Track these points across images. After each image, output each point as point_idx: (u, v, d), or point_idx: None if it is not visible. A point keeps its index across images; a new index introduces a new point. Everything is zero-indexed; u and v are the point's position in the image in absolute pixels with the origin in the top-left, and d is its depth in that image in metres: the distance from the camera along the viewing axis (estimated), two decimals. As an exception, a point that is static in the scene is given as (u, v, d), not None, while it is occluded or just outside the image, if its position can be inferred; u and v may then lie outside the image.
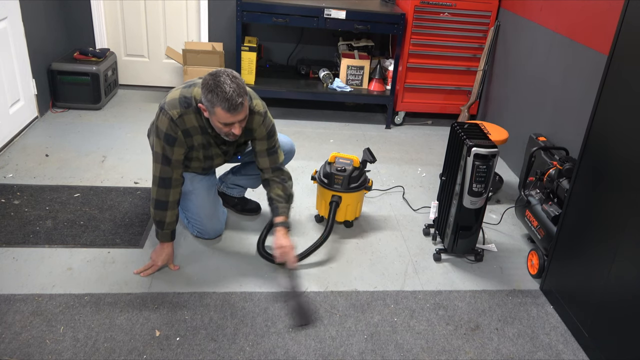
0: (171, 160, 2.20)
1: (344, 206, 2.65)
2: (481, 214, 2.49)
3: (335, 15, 3.74)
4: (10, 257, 2.32)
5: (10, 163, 3.09)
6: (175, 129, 2.15)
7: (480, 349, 2.08)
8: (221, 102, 1.98)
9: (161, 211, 2.24)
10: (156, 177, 2.22)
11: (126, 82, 4.43)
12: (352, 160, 2.66)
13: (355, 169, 2.64)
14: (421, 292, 2.36)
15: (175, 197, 2.26)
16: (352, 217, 2.73)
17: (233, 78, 2.00)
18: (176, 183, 2.24)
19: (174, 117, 2.13)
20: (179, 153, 2.20)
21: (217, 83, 1.97)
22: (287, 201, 2.37)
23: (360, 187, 2.65)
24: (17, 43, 3.35)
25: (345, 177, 2.60)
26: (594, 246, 2.06)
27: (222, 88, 1.96)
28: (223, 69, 2.04)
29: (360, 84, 4.20)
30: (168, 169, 2.20)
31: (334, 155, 2.69)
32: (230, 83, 1.98)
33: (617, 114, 1.97)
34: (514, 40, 3.66)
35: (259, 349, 1.97)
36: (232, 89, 1.97)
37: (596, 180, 2.07)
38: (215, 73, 2.00)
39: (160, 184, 2.22)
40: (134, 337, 1.97)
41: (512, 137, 3.47)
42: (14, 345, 1.88)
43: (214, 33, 4.30)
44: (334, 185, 2.62)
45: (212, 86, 1.97)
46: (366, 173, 2.71)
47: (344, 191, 2.62)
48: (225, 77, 1.98)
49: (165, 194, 2.23)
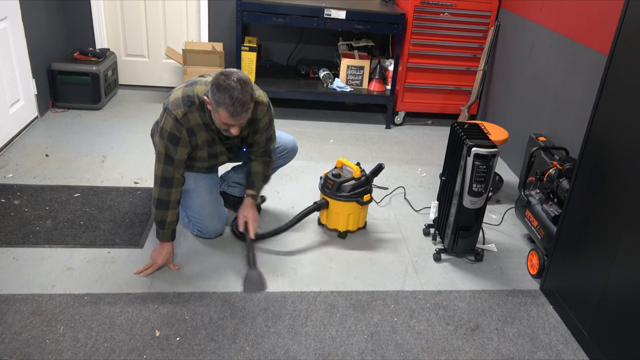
0: (174, 160, 2.21)
1: (333, 213, 2.61)
2: (481, 214, 2.49)
3: (335, 15, 3.74)
4: (10, 257, 2.32)
5: (10, 163, 3.09)
6: (179, 128, 2.17)
7: (480, 349, 2.08)
8: (226, 105, 2.02)
9: (163, 210, 2.25)
10: (158, 177, 2.23)
11: (126, 82, 4.43)
12: (353, 169, 2.60)
13: (353, 179, 2.57)
14: (421, 292, 2.36)
15: (176, 197, 2.27)
16: (342, 228, 2.64)
17: (243, 84, 2.04)
18: (177, 183, 2.26)
19: (179, 116, 2.16)
20: (182, 153, 2.22)
21: (227, 86, 2.00)
22: (262, 180, 2.53)
23: (350, 198, 2.55)
24: (17, 43, 3.35)
25: (336, 184, 2.56)
26: (594, 246, 2.06)
27: (231, 93, 2.00)
28: (236, 71, 2.08)
29: (360, 84, 4.20)
30: (170, 168, 2.21)
31: (340, 161, 2.67)
32: (240, 90, 2.02)
33: (617, 114, 1.97)
34: (514, 40, 3.66)
35: (259, 349, 1.97)
36: (240, 96, 2.02)
37: (596, 180, 2.07)
38: (228, 74, 2.04)
39: (162, 183, 2.23)
40: (134, 337, 1.97)
41: (512, 137, 3.47)
42: (14, 345, 1.88)
43: (214, 33, 4.30)
44: (324, 188, 2.61)
45: (222, 87, 2.01)
46: (369, 187, 2.61)
47: (331, 197, 2.57)
48: (236, 82, 2.02)
49: (167, 194, 2.23)
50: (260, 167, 2.50)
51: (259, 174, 2.50)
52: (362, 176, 2.60)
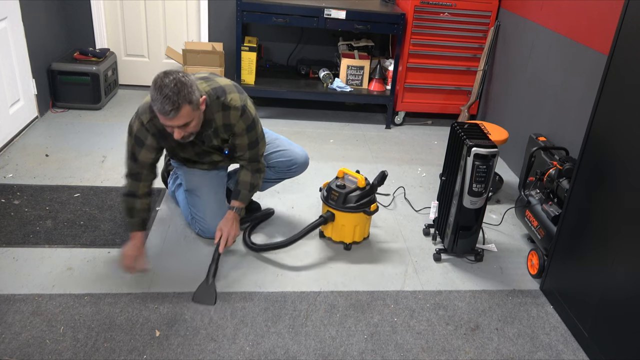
0: (137, 160, 2.21)
1: (339, 226, 2.53)
2: (481, 214, 2.49)
3: (335, 15, 3.74)
4: (10, 257, 2.32)
5: (10, 163, 3.09)
6: (145, 134, 2.17)
7: (480, 349, 2.08)
8: (155, 103, 1.94)
9: (131, 198, 2.25)
10: (127, 172, 2.26)
11: (126, 82, 4.43)
12: (357, 179, 2.53)
13: (358, 189, 2.50)
14: (421, 292, 2.36)
15: (144, 190, 2.27)
16: (349, 240, 2.57)
17: (180, 85, 1.92)
18: (146, 178, 2.26)
19: (144, 121, 2.15)
20: (145, 156, 2.21)
21: (161, 84, 1.92)
22: (249, 190, 2.42)
23: (358, 209, 2.48)
24: (17, 43, 3.35)
25: (342, 195, 2.47)
26: (594, 246, 2.06)
27: (161, 91, 1.91)
28: (177, 70, 1.98)
29: (360, 84, 4.20)
30: (135, 166, 2.23)
31: (342, 171, 2.59)
32: (173, 87, 1.91)
33: (617, 114, 1.97)
34: (514, 40, 3.66)
35: (259, 349, 1.97)
36: (169, 95, 1.90)
37: (596, 180, 2.07)
38: (169, 73, 1.95)
39: (131, 177, 2.25)
40: (134, 337, 1.97)
41: (512, 137, 3.47)
42: (14, 345, 1.88)
43: (214, 33, 4.30)
44: (329, 200, 2.53)
45: (157, 85, 1.93)
46: (373, 197, 2.55)
47: (338, 209, 2.49)
48: (171, 82, 1.92)
49: (135, 186, 2.25)
50: (248, 176, 2.40)
51: (245, 184, 2.40)
52: (367, 185, 2.53)
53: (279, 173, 2.65)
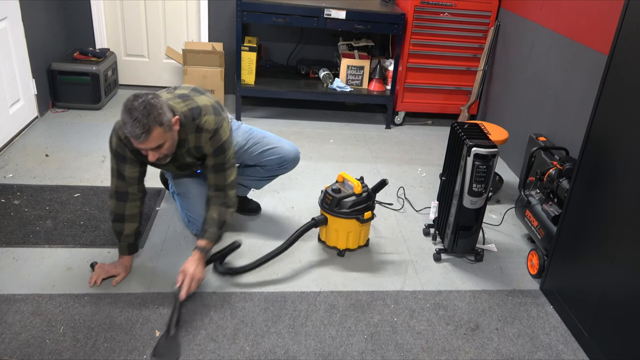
0: (125, 177, 2.16)
1: (332, 230, 2.49)
2: (481, 214, 2.49)
3: (335, 15, 3.74)
4: (10, 257, 2.32)
5: (10, 163, 3.09)
6: (123, 148, 2.11)
7: (480, 349, 2.08)
8: (125, 126, 1.89)
9: (119, 223, 2.21)
10: (112, 191, 2.18)
11: (126, 82, 4.43)
12: (354, 185, 2.47)
13: (354, 195, 2.44)
14: (421, 292, 2.36)
15: (132, 211, 2.20)
16: (342, 246, 2.52)
17: (150, 107, 1.88)
18: (133, 197, 2.19)
19: (122, 137, 2.09)
20: (131, 171, 2.15)
21: (130, 107, 1.88)
22: (218, 227, 2.18)
23: (350, 215, 2.42)
24: (17, 43, 3.35)
25: (335, 199, 2.42)
26: (594, 246, 2.06)
27: (131, 114, 1.87)
28: (147, 92, 1.94)
29: (360, 84, 4.20)
30: (122, 183, 2.17)
31: (342, 175, 2.55)
32: (142, 110, 1.86)
33: (617, 114, 1.97)
34: (514, 40, 3.66)
35: (259, 349, 1.97)
36: (140, 117, 1.86)
37: (596, 180, 2.07)
38: (136, 95, 1.91)
39: (117, 197, 2.18)
40: (134, 337, 1.97)
41: (512, 137, 3.47)
42: (14, 345, 1.88)
43: (214, 33, 4.30)
44: (323, 203, 2.49)
45: (127, 108, 1.89)
46: (370, 204, 2.48)
47: (330, 213, 2.45)
48: (140, 103, 1.87)
49: (122, 207, 2.19)
50: (215, 212, 2.18)
51: (213, 220, 2.17)
52: (364, 192, 2.46)
53: (271, 171, 2.62)
